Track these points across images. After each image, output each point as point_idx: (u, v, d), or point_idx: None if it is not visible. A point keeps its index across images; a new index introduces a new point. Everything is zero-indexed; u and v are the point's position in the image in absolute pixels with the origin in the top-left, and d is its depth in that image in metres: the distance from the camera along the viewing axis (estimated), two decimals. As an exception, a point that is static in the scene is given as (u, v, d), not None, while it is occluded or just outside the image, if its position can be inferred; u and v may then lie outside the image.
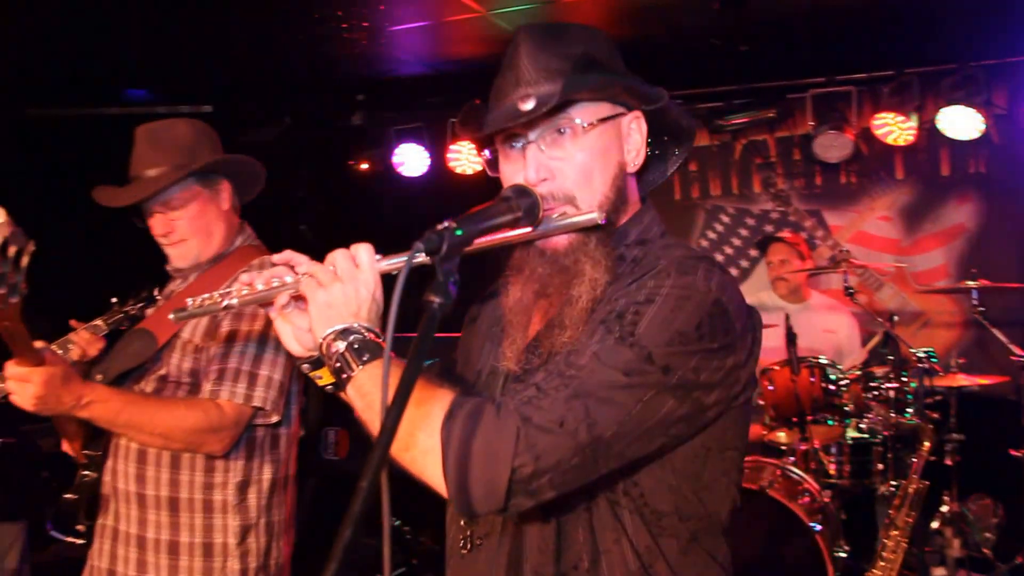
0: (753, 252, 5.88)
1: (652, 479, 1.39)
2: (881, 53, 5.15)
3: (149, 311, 2.48)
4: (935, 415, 4.03)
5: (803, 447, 4.09)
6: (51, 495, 2.41)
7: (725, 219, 6.04)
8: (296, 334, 1.43)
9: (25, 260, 1.66)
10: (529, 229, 1.40)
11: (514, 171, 1.47)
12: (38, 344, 2.01)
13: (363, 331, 1.34)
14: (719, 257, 6.06)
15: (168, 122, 2.41)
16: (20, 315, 1.78)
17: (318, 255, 1.38)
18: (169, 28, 4.44)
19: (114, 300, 2.54)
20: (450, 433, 1.26)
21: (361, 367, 1.30)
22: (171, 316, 1.54)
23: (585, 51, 1.45)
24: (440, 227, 1.24)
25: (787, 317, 4.16)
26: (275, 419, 2.27)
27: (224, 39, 4.68)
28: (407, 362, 1.07)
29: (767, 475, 3.88)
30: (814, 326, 4.86)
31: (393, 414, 1.02)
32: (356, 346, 1.32)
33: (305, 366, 1.46)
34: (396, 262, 1.36)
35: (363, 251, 1.38)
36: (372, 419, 1.29)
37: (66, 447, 2.39)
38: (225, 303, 1.46)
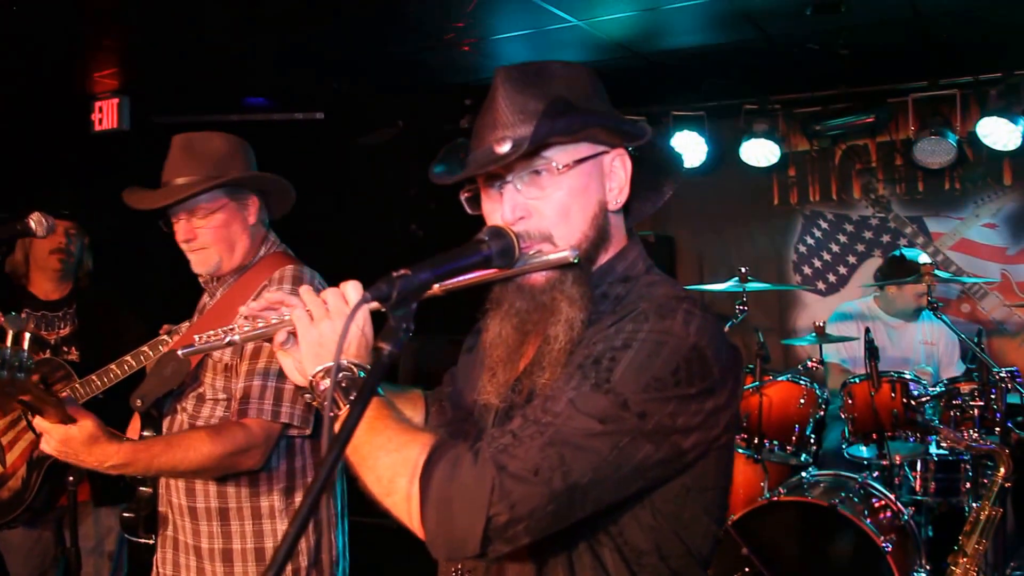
0: (852, 259, 5.92)
1: (632, 519, 1.42)
2: (987, 55, 5.12)
3: (184, 328, 2.64)
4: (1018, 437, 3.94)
5: (884, 462, 4.12)
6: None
7: (824, 225, 6.08)
8: (298, 367, 1.50)
9: (26, 339, 1.75)
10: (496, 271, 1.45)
11: (493, 210, 1.51)
12: (79, 413, 2.11)
13: (352, 368, 1.39)
14: (816, 263, 6.13)
15: (205, 134, 2.51)
16: (35, 387, 1.89)
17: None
18: (286, 38, 4.81)
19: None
20: (428, 480, 1.29)
21: (347, 405, 1.36)
22: (179, 352, 1.65)
23: (561, 93, 1.48)
24: (394, 274, 1.29)
25: (867, 331, 4.19)
26: (308, 432, 2.38)
27: (338, 49, 5.03)
28: (350, 407, 1.13)
29: (843, 491, 3.93)
30: (912, 337, 4.91)
31: (331, 458, 1.11)
32: (344, 384, 1.38)
33: (307, 395, 1.51)
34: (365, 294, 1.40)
35: (351, 289, 1.44)
36: (358, 462, 1.37)
37: None
38: (228, 339, 1.54)
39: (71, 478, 2.98)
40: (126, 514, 2.49)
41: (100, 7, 4.36)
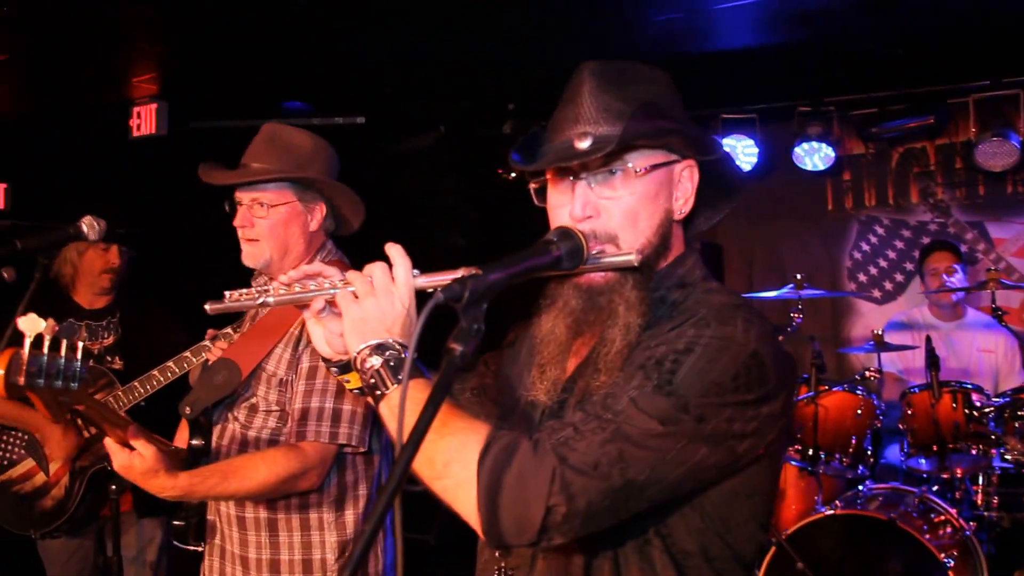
0: (909, 266, 5.88)
1: (680, 520, 1.47)
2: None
3: (236, 336, 2.66)
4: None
5: (944, 475, 4.11)
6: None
7: (880, 231, 6.06)
8: (328, 337, 1.53)
9: (79, 350, 1.77)
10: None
11: (560, 204, 1.56)
12: (139, 443, 2.12)
13: (398, 347, 1.42)
14: (872, 270, 6.10)
15: (294, 129, 2.56)
16: (89, 397, 1.89)
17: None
18: (325, 42, 4.92)
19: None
20: (486, 467, 1.33)
21: (395, 386, 1.39)
22: (207, 307, 1.65)
23: (648, 96, 1.53)
24: (465, 274, 1.32)
25: (928, 339, 4.19)
26: (362, 450, 2.42)
27: (378, 52, 5.13)
28: (423, 407, 1.16)
29: (902, 505, 3.92)
30: (970, 345, 4.88)
31: (407, 454, 1.12)
32: (391, 363, 1.40)
33: (333, 369, 1.55)
34: (434, 280, 1.44)
35: (400, 267, 1.45)
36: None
37: None
38: (261, 300, 1.56)
39: (113, 487, 3.07)
40: (176, 522, 2.54)
41: (138, 12, 4.50)
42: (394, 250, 1.47)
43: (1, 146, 6.27)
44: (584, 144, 1.49)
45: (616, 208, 1.52)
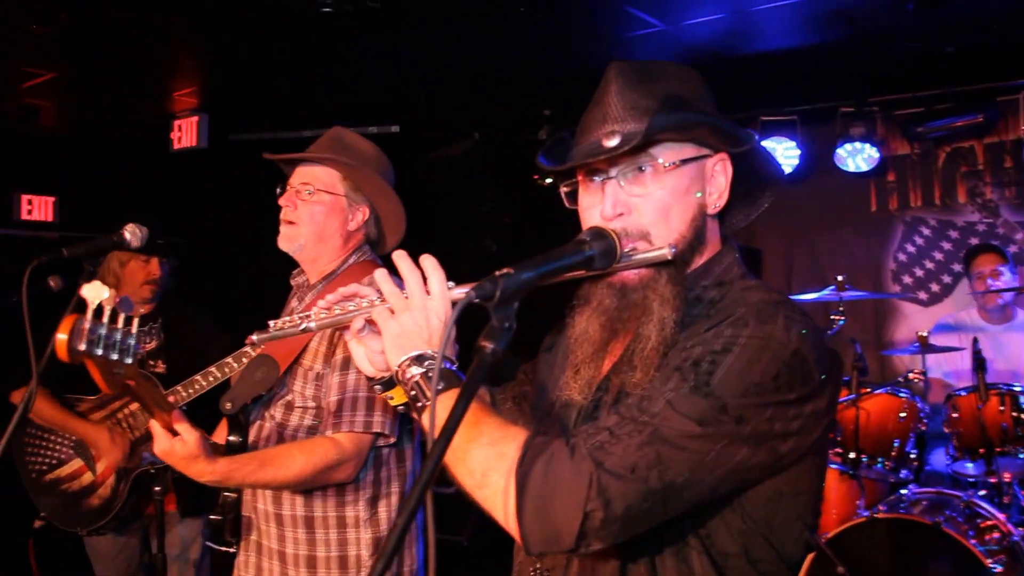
0: (956, 267, 5.81)
1: (721, 522, 1.46)
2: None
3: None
4: None
5: (992, 479, 4.05)
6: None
7: (926, 232, 6.00)
8: (370, 356, 1.57)
9: (135, 325, 1.81)
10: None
11: (592, 204, 1.56)
12: (183, 428, 2.19)
13: (435, 357, 1.43)
14: (918, 272, 6.05)
15: (359, 136, 2.67)
16: (140, 374, 1.93)
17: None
18: (360, 53, 5.00)
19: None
20: (524, 474, 1.33)
21: (440, 399, 1.37)
22: (253, 338, 1.71)
23: (675, 90, 1.53)
24: (497, 273, 1.32)
25: (975, 341, 4.15)
26: (393, 440, 2.47)
27: (413, 61, 5.21)
28: (453, 406, 1.17)
29: (947, 510, 3.88)
30: (1020, 348, 4.82)
31: (437, 452, 1.14)
32: (431, 374, 1.42)
33: (377, 387, 1.60)
34: (468, 290, 1.41)
35: (435, 279, 1.47)
36: (448, 454, 1.35)
37: None
38: (303, 326, 1.61)
39: (157, 488, 3.16)
40: (213, 517, 2.61)
41: (179, 26, 4.62)
42: (428, 262, 1.49)
43: (50, 161, 6.47)
44: (612, 142, 1.50)
45: (647, 205, 1.52)
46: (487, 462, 1.37)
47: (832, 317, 4.44)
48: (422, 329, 1.45)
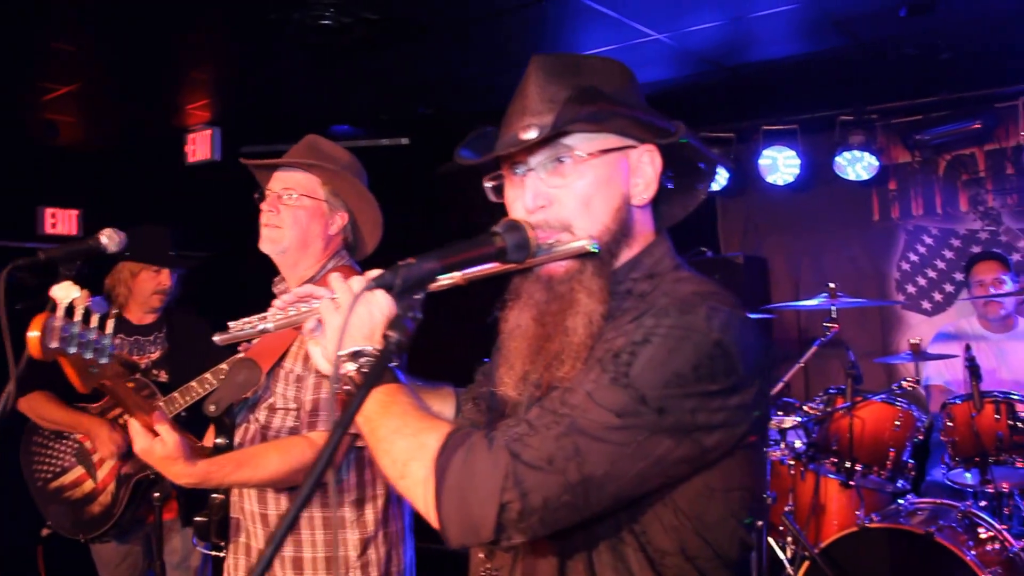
0: (958, 275, 5.72)
1: (655, 518, 1.42)
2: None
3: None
4: None
5: (990, 489, 3.96)
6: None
7: (928, 240, 5.92)
8: (324, 354, 1.56)
9: (109, 325, 1.81)
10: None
11: (516, 198, 1.54)
12: (163, 429, 2.19)
13: (375, 354, 1.43)
14: (921, 281, 5.96)
15: (334, 143, 2.68)
16: (116, 374, 1.93)
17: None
18: (371, 66, 5.00)
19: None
20: (442, 465, 1.32)
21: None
22: (215, 338, 1.72)
23: (594, 83, 1.50)
24: (400, 263, 1.33)
25: (967, 347, 4.07)
26: None
27: (422, 74, 5.21)
28: (357, 390, 1.18)
29: (943, 520, 3.80)
30: (1022, 356, 4.73)
31: (334, 439, 1.13)
32: (365, 370, 1.43)
33: (335, 386, 1.54)
34: (368, 281, 1.43)
35: (376, 274, 1.46)
36: (374, 444, 1.41)
37: None
38: (261, 327, 1.64)
39: (156, 495, 3.14)
40: (198, 518, 2.60)
41: (191, 41, 4.64)
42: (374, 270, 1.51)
43: (73, 174, 6.51)
44: (529, 134, 1.48)
45: (568, 196, 1.49)
46: (408, 452, 1.37)
47: (825, 324, 4.31)
48: (364, 324, 1.44)
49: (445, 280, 1.45)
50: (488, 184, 1.62)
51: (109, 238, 2.47)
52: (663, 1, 4.23)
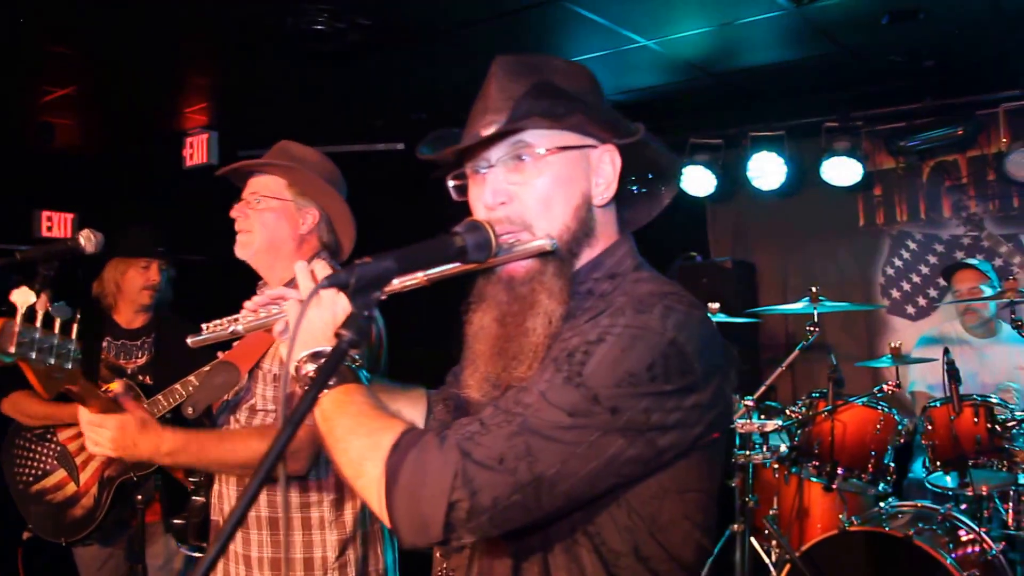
0: (942, 281, 5.65)
1: (609, 519, 1.40)
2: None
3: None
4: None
5: (970, 492, 3.94)
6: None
7: (912, 246, 5.93)
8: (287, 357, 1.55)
9: (73, 331, 1.80)
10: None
11: (477, 196, 1.53)
12: (117, 389, 2.21)
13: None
14: (905, 286, 5.97)
15: (306, 147, 2.64)
16: (82, 377, 1.91)
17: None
18: (367, 71, 5.00)
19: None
20: (394, 465, 1.31)
21: (326, 391, 1.40)
22: (188, 340, 1.72)
23: (554, 81, 1.49)
24: (356, 262, 1.32)
25: (945, 351, 4.05)
26: None
27: (418, 80, 5.21)
28: (307, 389, 1.17)
29: (923, 523, 3.80)
30: (1006, 361, 4.72)
31: (281, 438, 1.12)
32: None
33: (285, 387, 1.54)
34: (321, 279, 1.42)
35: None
36: (332, 444, 1.39)
37: (179, 474, 2.73)
38: (231, 329, 1.65)
39: (139, 497, 3.12)
40: (176, 521, 2.60)
41: (190, 46, 4.64)
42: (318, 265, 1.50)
43: (69, 178, 6.49)
44: (488, 131, 1.47)
45: (528, 193, 1.48)
46: (363, 451, 1.35)
47: (808, 328, 4.31)
48: (327, 324, 1.44)
49: (409, 280, 1.44)
50: (451, 183, 1.61)
51: (87, 239, 2.45)
52: (652, 8, 4.24)
